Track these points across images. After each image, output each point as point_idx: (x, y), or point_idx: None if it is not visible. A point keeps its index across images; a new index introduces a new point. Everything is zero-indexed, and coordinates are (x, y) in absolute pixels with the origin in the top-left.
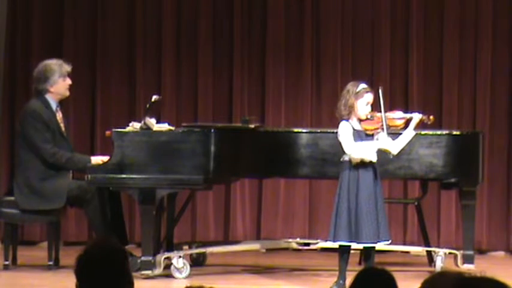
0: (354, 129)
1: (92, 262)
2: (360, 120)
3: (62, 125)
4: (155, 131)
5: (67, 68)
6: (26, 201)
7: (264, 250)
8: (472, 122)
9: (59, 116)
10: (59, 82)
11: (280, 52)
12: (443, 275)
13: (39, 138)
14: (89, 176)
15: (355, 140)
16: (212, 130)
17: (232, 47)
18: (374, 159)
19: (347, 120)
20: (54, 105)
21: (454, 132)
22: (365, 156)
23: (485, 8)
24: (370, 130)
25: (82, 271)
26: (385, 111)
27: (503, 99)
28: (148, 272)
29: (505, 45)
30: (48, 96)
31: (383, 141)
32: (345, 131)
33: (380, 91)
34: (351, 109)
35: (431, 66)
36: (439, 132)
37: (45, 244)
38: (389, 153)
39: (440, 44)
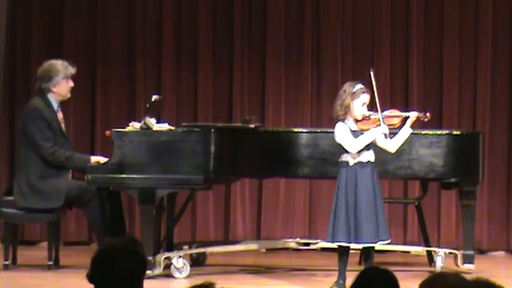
0: (350, 130)
1: (114, 266)
2: (356, 121)
3: (62, 125)
4: (155, 131)
5: (71, 70)
6: (24, 199)
7: (264, 250)
8: (472, 122)
9: (60, 116)
10: (62, 83)
11: (280, 52)
12: (441, 275)
13: (40, 136)
14: (89, 176)
15: None
16: (212, 130)
17: (232, 47)
18: (372, 159)
19: (343, 121)
20: (55, 105)
21: (454, 132)
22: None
23: (485, 7)
24: (366, 131)
25: (102, 266)
26: (379, 94)
27: (503, 99)
28: (148, 272)
29: (505, 45)
30: (50, 96)
31: (381, 128)
32: (342, 131)
33: (371, 73)
34: (347, 109)
35: (431, 66)
36: (439, 132)
37: (45, 244)
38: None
39: (440, 44)
